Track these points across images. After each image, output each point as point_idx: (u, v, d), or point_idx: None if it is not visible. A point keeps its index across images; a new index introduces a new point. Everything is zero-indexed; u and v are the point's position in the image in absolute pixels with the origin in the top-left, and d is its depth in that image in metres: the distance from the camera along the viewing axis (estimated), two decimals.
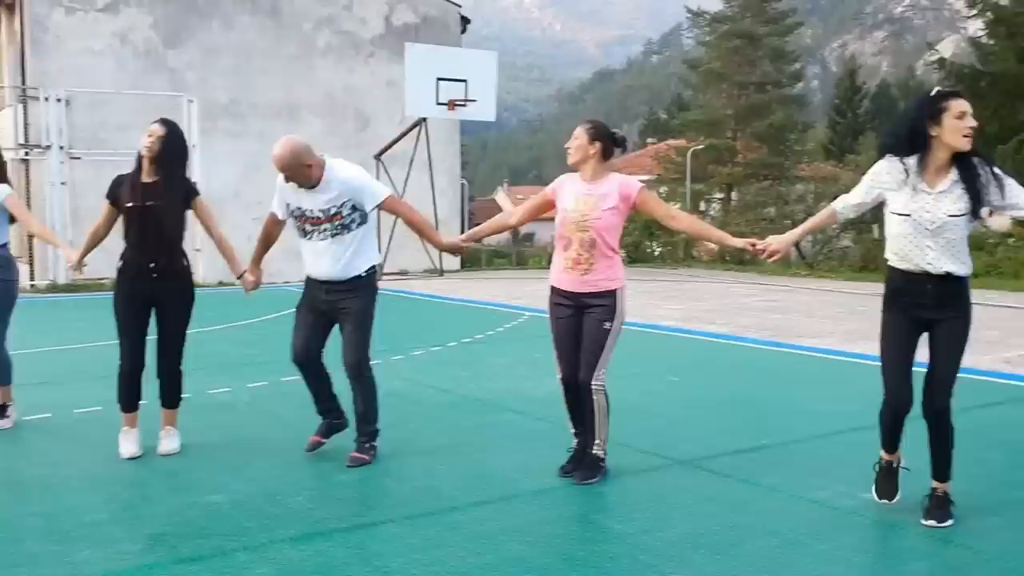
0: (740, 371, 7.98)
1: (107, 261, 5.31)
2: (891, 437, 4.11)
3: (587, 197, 4.52)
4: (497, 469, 4.84)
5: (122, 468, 4.87)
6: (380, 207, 4.93)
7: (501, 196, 77.06)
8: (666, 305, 12.78)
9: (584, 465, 4.62)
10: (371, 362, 4.98)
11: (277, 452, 5.16)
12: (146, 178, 4.96)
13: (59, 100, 16.77)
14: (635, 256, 24.08)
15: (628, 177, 4.64)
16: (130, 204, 4.93)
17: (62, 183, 15.97)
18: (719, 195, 37.27)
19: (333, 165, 4.88)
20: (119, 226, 5.12)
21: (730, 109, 37.18)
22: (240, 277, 5.25)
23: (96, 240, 5.21)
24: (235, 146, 19.60)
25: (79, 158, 17.49)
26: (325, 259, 4.87)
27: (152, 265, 4.96)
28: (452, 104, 15.48)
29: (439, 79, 15.37)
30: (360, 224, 4.90)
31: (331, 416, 5.17)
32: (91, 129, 18.30)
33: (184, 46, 20.04)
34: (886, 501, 4.15)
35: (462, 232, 18.69)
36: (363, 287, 4.94)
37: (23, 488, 4.53)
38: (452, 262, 21.96)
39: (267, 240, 5.24)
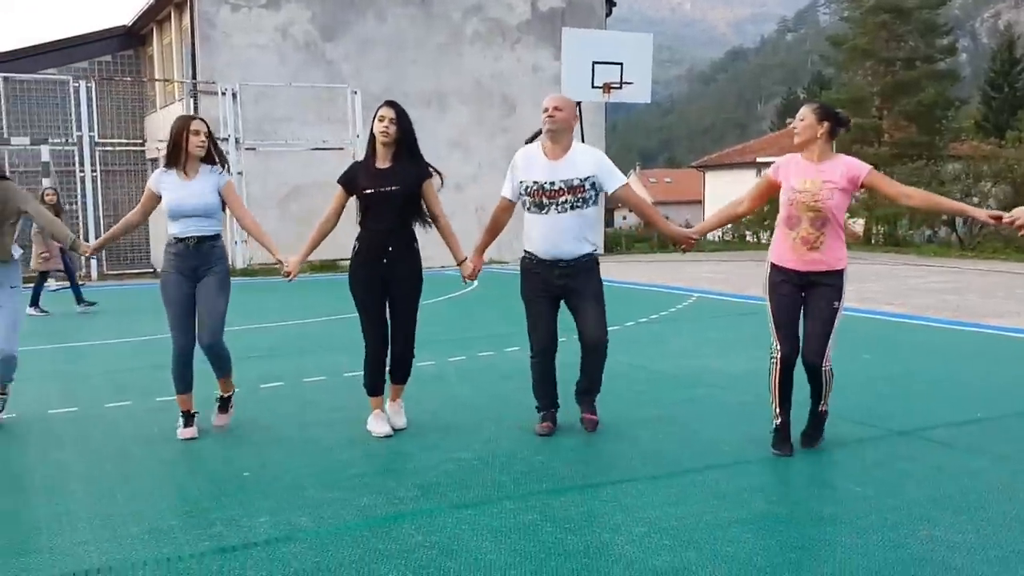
0: (929, 350, 7.94)
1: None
2: None
3: (816, 178, 4.56)
4: (718, 438, 5.03)
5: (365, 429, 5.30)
6: (615, 192, 4.98)
7: (633, 179, 76.71)
8: None
9: (814, 424, 4.79)
10: None
11: (499, 418, 5.50)
12: (381, 164, 5.02)
13: (235, 93, 17.72)
14: None
15: (856, 159, 4.66)
16: (368, 191, 4.99)
17: (239, 173, 16.91)
18: None
19: (578, 142, 5.06)
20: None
21: (876, 87, 35.93)
22: (461, 263, 5.24)
23: (326, 232, 5.18)
24: None
25: (253, 149, 18.46)
26: (562, 234, 4.90)
27: (389, 249, 5.02)
28: (607, 87, 15.63)
29: (594, 63, 15.52)
30: (593, 204, 4.99)
31: (556, 403, 5.25)
32: (256, 121, 19.24)
33: (340, 39, 20.85)
34: None
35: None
36: (594, 265, 5.07)
37: (290, 445, 5.04)
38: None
39: (495, 227, 5.27)
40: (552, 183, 4.91)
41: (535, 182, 4.95)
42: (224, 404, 5.44)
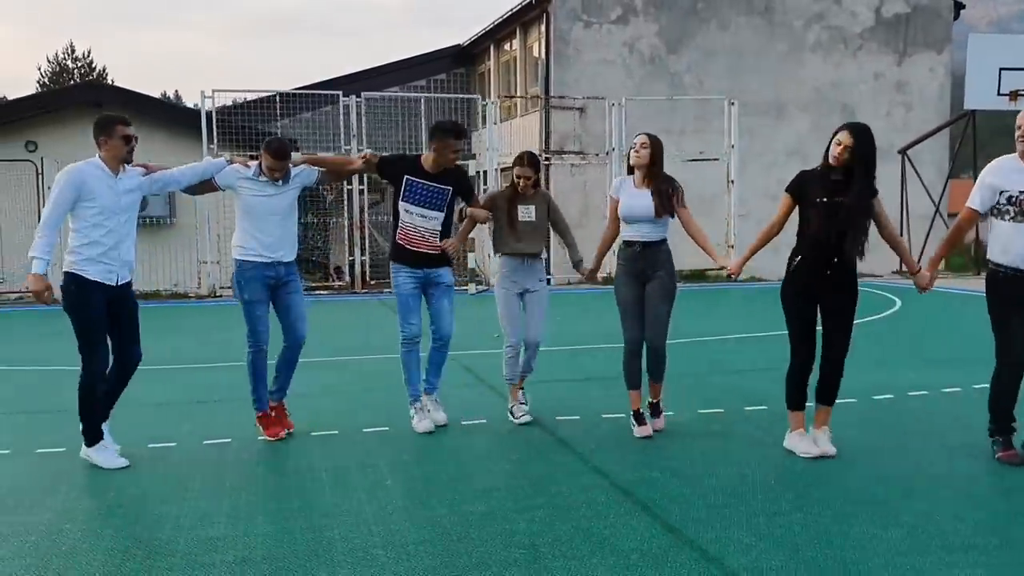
0: None
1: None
2: None
3: None
4: None
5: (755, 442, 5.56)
6: None
7: None
8: None
9: None
10: None
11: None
12: (835, 176, 5.06)
13: (621, 106, 18.44)
14: None
15: None
16: (820, 199, 5.04)
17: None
18: None
19: None
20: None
21: None
22: (916, 274, 5.37)
23: (771, 236, 5.34)
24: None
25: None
26: None
27: (831, 260, 5.08)
28: (1014, 95, 15.01)
29: (1001, 69, 14.97)
30: None
31: (1011, 428, 5.19)
32: (598, 135, 19.83)
33: (683, 51, 21.26)
34: None
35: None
36: None
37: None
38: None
39: (957, 238, 5.43)
40: None
41: (1021, 191, 4.95)
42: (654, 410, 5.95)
